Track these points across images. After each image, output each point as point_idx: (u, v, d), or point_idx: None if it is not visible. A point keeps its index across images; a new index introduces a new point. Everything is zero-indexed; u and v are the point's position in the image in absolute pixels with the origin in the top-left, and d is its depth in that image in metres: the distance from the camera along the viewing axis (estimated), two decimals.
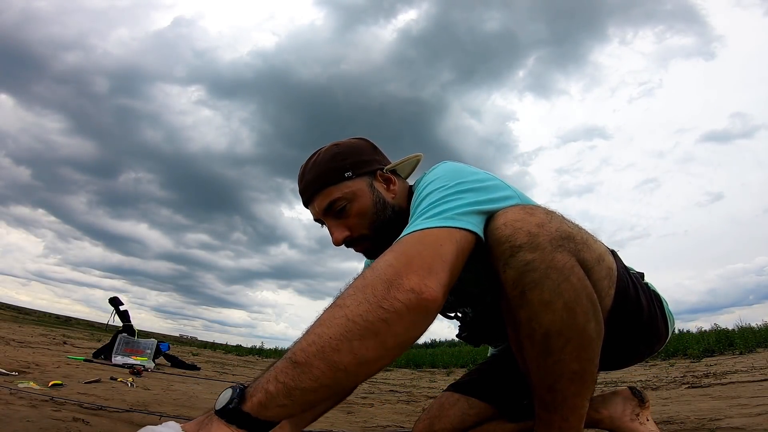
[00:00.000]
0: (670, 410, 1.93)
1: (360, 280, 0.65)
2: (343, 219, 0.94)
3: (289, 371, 0.59)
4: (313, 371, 0.59)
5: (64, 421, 1.23)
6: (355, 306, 0.61)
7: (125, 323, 4.42)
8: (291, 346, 0.64)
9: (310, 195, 0.96)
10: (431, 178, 0.84)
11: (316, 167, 0.95)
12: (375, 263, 0.67)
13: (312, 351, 0.59)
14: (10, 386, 1.65)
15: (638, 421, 1.05)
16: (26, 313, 35.90)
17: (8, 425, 1.12)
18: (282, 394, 0.59)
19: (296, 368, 0.59)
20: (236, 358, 10.03)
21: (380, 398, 3.32)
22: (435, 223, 0.70)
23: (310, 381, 0.59)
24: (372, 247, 0.96)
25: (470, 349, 9.12)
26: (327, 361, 0.59)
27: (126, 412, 1.50)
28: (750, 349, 4.68)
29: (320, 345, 0.59)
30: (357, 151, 0.98)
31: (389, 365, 7.51)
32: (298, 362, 0.59)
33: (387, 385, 5.04)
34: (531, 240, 0.70)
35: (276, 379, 0.60)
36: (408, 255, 0.65)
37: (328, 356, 0.59)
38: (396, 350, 0.62)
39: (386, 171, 0.99)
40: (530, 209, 0.75)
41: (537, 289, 0.70)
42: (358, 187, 0.94)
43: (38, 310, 53.19)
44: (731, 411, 1.71)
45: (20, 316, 22.15)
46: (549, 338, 0.71)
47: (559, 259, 0.71)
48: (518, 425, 1.12)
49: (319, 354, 0.59)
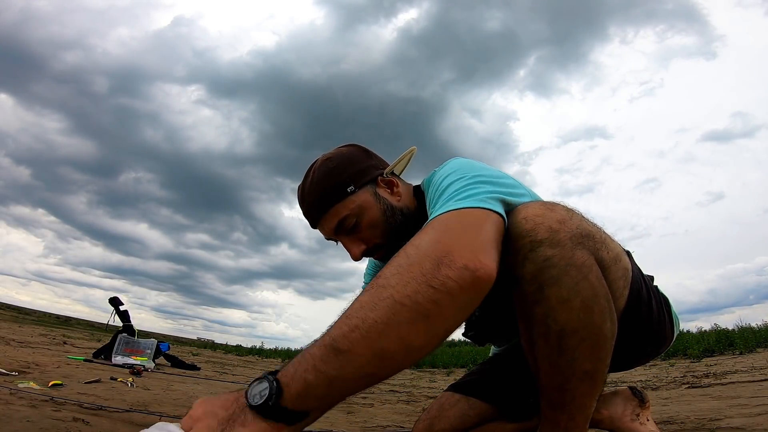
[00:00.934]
0: (670, 410, 1.93)
1: (403, 258, 0.59)
2: (355, 234, 0.92)
3: (330, 359, 0.54)
4: (358, 359, 0.54)
5: (64, 421, 1.23)
6: (402, 286, 0.55)
7: (125, 323, 4.42)
8: (329, 330, 0.57)
9: (317, 217, 0.93)
10: (447, 171, 0.82)
11: (316, 187, 0.92)
12: (415, 241, 0.61)
13: (355, 337, 0.54)
14: (10, 386, 1.65)
15: (639, 422, 1.05)
16: (26, 313, 35.89)
17: (8, 425, 1.12)
18: (323, 384, 0.54)
19: (339, 356, 0.54)
20: (236, 358, 10.04)
21: (380, 398, 3.32)
22: (470, 203, 0.67)
23: (353, 370, 0.54)
24: (388, 253, 0.94)
25: (470, 349, 9.11)
26: (373, 348, 0.54)
27: (126, 412, 1.50)
28: (750, 349, 4.68)
29: (365, 330, 0.54)
30: (353, 162, 0.94)
31: None
32: (341, 349, 0.54)
33: (387, 385, 5.04)
34: (552, 236, 0.69)
35: (315, 368, 0.54)
36: (454, 231, 0.61)
37: (374, 343, 0.54)
38: (443, 336, 0.58)
39: (386, 175, 0.96)
40: (551, 205, 0.74)
41: (555, 285, 0.68)
42: (364, 199, 0.91)
43: (38, 310, 53.20)
44: (731, 411, 1.71)
45: (20, 316, 22.14)
46: (564, 336, 0.70)
47: (579, 257, 0.69)
48: (519, 425, 1.12)
49: (364, 340, 0.54)
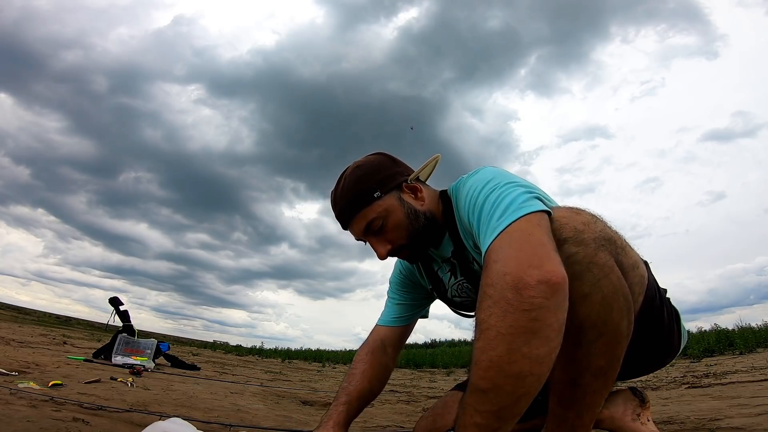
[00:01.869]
0: (670, 410, 1.94)
1: (486, 300, 0.67)
2: (382, 235, 1.00)
3: (483, 399, 0.64)
4: (505, 388, 0.63)
5: (64, 421, 1.23)
6: (500, 321, 0.64)
7: (125, 323, 4.41)
8: (467, 380, 0.69)
9: (347, 220, 1.02)
10: (479, 182, 0.86)
11: (346, 193, 1.01)
12: (488, 280, 0.68)
13: (492, 374, 0.63)
14: (10, 386, 1.65)
15: (639, 421, 1.05)
16: (26, 313, 35.87)
17: (8, 425, 1.12)
18: (492, 419, 0.64)
19: (488, 394, 0.64)
20: (236, 358, 10.04)
21: (380, 398, 3.32)
22: (511, 217, 0.73)
23: (507, 398, 0.63)
24: (411, 253, 1.04)
25: (470, 349, 9.11)
26: (511, 375, 0.62)
27: (126, 412, 1.50)
28: (750, 349, 4.68)
29: (497, 365, 0.63)
30: (379, 169, 1.03)
31: None
32: (486, 389, 0.64)
33: (387, 385, 5.03)
34: (576, 235, 0.74)
35: (477, 411, 0.64)
36: (514, 257, 0.67)
37: (508, 371, 0.62)
38: (559, 333, 0.65)
39: (410, 181, 1.04)
40: (577, 210, 0.80)
41: (577, 281, 0.71)
42: (389, 203, 0.99)
43: (38, 310, 53.19)
44: (731, 411, 1.71)
45: (20, 316, 22.14)
46: (582, 330, 0.72)
47: (601, 257, 0.73)
48: (522, 425, 1.12)
49: (500, 373, 0.63)
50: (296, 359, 11.96)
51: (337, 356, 12.15)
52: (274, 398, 2.76)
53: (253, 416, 1.83)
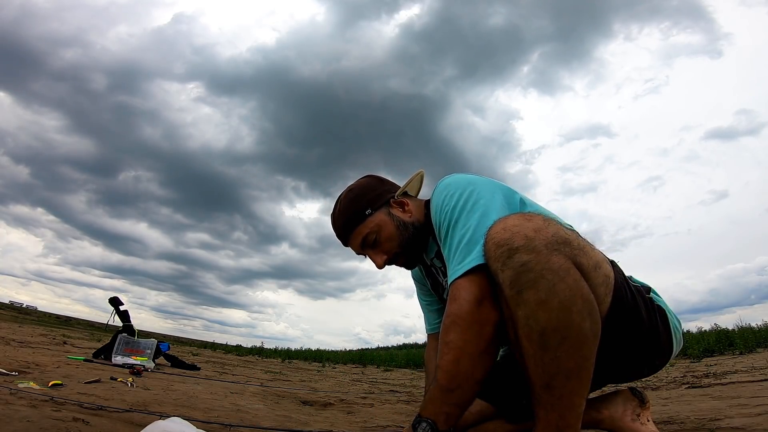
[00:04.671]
0: (670, 410, 1.94)
1: (456, 333, 0.86)
2: (377, 247, 1.15)
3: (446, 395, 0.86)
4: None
5: (64, 421, 1.23)
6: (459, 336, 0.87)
7: (125, 323, 4.41)
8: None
9: (346, 237, 1.18)
10: (442, 206, 0.99)
11: (342, 215, 1.17)
12: (449, 320, 0.87)
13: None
14: (10, 386, 1.65)
15: (639, 422, 1.05)
16: (26, 313, 35.87)
17: (8, 425, 1.12)
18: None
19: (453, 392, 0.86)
20: (236, 358, 10.04)
21: (380, 398, 3.32)
22: (458, 273, 0.89)
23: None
24: (407, 260, 1.19)
25: None
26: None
27: (126, 412, 1.50)
28: (750, 349, 4.68)
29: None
30: (368, 190, 1.18)
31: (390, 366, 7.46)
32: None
33: (387, 385, 5.04)
34: (527, 243, 0.76)
35: (444, 402, 0.87)
36: (453, 323, 0.87)
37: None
38: (474, 354, 0.86)
39: (397, 197, 1.18)
40: (529, 216, 0.82)
41: (533, 288, 0.75)
42: (380, 218, 1.14)
43: (38, 310, 53.18)
44: (731, 411, 1.71)
45: (20, 316, 22.15)
46: (545, 335, 0.75)
47: (555, 261, 0.76)
48: (517, 426, 1.12)
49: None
50: (296, 359, 11.96)
51: (337, 356, 12.15)
52: (274, 398, 2.76)
53: (253, 416, 1.83)
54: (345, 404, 2.74)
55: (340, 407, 2.58)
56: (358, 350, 14.89)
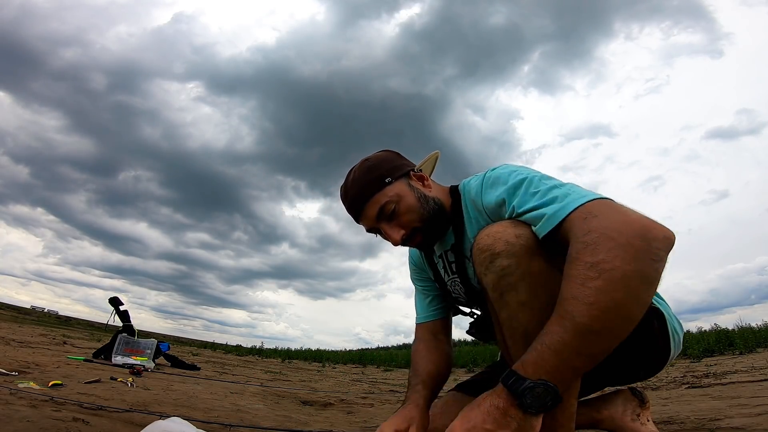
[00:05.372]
0: (670, 410, 1.94)
1: (608, 243, 0.66)
2: (395, 220, 1.02)
3: (591, 341, 0.66)
4: (615, 331, 0.66)
5: (64, 421, 1.23)
6: (627, 265, 0.64)
7: (125, 323, 4.42)
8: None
9: (360, 207, 1.03)
10: (518, 169, 0.91)
11: (357, 183, 1.04)
12: (602, 224, 0.69)
13: (611, 316, 0.64)
14: (10, 386, 1.65)
15: (639, 422, 1.05)
16: (26, 313, 35.88)
17: (8, 425, 1.12)
18: (590, 362, 0.67)
19: (600, 335, 0.65)
20: (236, 358, 10.04)
21: (380, 398, 3.33)
22: (592, 195, 0.76)
23: (614, 341, 0.66)
24: (424, 238, 1.05)
25: (470, 349, 9.12)
26: (626, 319, 0.65)
27: (126, 412, 1.50)
28: (750, 349, 4.68)
29: (616, 307, 0.64)
30: (388, 160, 1.08)
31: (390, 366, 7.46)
32: (599, 330, 0.65)
33: (387, 385, 5.04)
34: (508, 248, 0.77)
35: (579, 354, 0.66)
36: (629, 213, 0.70)
37: (625, 314, 0.65)
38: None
39: (417, 170, 1.09)
40: (515, 222, 0.82)
41: (514, 291, 0.77)
42: (400, 188, 1.03)
43: (38, 310, 53.20)
44: (731, 411, 1.71)
45: (20, 316, 22.15)
46: (528, 336, 0.75)
47: (535, 265, 0.77)
48: None
49: (618, 316, 0.65)
50: (296, 359, 11.96)
51: (337, 356, 12.15)
52: (274, 398, 2.77)
53: (253, 416, 1.83)
54: (345, 404, 2.74)
55: (340, 407, 2.58)
56: (358, 350, 14.91)
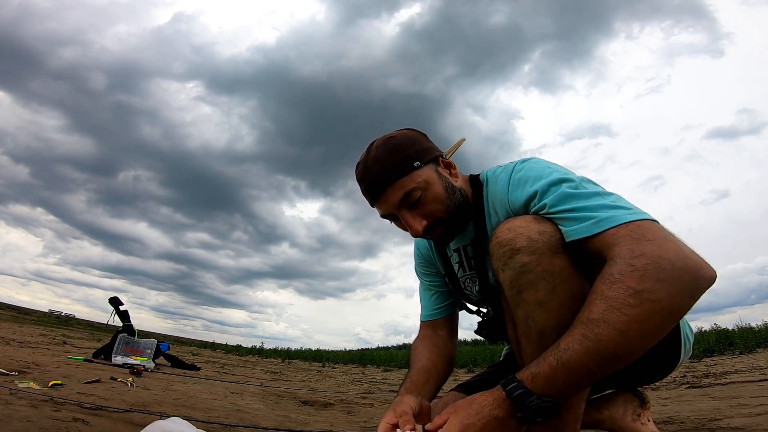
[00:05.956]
0: (670, 410, 1.94)
1: (659, 273, 0.64)
2: (418, 209, 0.92)
3: (609, 363, 0.66)
4: (632, 357, 0.65)
5: (64, 421, 1.23)
6: (669, 299, 0.63)
7: (125, 323, 4.42)
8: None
9: (380, 190, 0.92)
10: (553, 167, 0.85)
11: (381, 162, 0.92)
12: (654, 251, 0.65)
13: (636, 345, 0.64)
14: (10, 386, 1.65)
15: (639, 422, 1.05)
16: (26, 313, 35.89)
17: (8, 425, 1.12)
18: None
19: (618, 359, 0.65)
20: (236, 358, 10.04)
21: (380, 398, 3.33)
22: (642, 215, 0.72)
23: (622, 364, 0.66)
24: (446, 231, 0.96)
25: (470, 349, 9.12)
26: (643, 348, 0.65)
27: (126, 412, 1.50)
28: (750, 349, 4.68)
29: (646, 337, 0.64)
30: (416, 141, 0.96)
31: (390, 366, 7.42)
32: (622, 355, 0.65)
33: (387, 385, 5.04)
34: (530, 244, 0.74)
35: (594, 373, 0.66)
36: (681, 246, 0.67)
37: (645, 345, 0.65)
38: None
39: (446, 156, 0.99)
40: (538, 218, 0.79)
41: (533, 289, 0.74)
42: (428, 174, 0.93)
43: (38, 310, 53.23)
44: (731, 411, 1.71)
45: (20, 316, 22.15)
46: (544, 336, 0.74)
47: (557, 263, 0.74)
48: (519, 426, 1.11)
49: (642, 344, 0.64)
50: (296, 359, 11.96)
51: (337, 356, 12.14)
52: (274, 398, 2.77)
53: (253, 416, 1.83)
54: (345, 404, 2.74)
55: (340, 407, 2.58)
56: (358, 350, 14.91)
